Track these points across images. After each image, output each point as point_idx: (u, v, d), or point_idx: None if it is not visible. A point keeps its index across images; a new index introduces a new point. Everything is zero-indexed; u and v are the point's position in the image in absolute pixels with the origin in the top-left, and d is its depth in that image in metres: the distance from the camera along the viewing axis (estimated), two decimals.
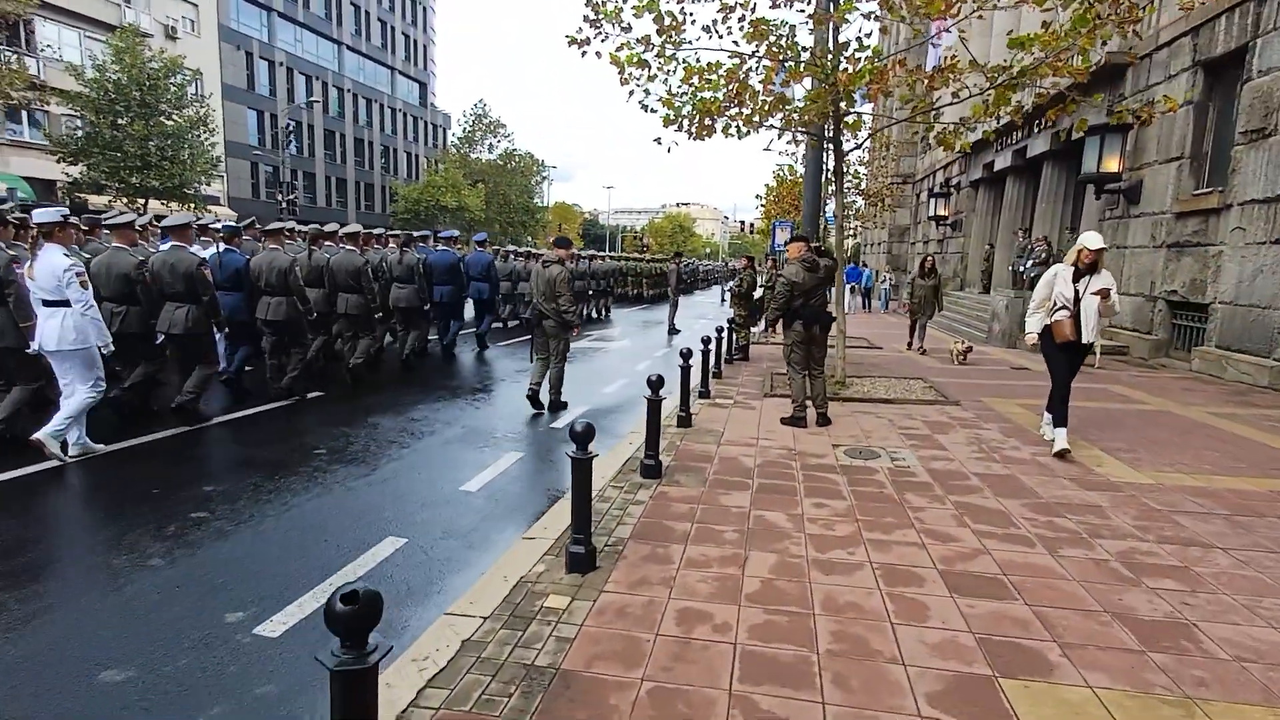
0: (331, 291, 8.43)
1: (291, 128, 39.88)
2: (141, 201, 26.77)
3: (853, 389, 8.45)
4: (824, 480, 4.78)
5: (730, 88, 7.52)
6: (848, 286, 27.99)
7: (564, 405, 7.60)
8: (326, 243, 9.33)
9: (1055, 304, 5.57)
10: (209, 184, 29.30)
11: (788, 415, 6.53)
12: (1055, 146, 16.22)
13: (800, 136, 8.48)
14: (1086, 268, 5.44)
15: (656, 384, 4.64)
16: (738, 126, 8.46)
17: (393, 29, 55.59)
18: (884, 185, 26.71)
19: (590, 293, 19.62)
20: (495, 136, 57.07)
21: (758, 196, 27.45)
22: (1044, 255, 15.67)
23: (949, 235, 25.19)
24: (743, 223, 55.61)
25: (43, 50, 28.85)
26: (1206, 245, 10.63)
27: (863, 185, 24.58)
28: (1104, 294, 5.37)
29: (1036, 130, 17.06)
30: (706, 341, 7.73)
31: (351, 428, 6.42)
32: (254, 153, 39.37)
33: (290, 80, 44.64)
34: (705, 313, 23.78)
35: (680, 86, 8.35)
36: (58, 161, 25.76)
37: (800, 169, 24.85)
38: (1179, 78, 11.36)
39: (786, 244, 7.19)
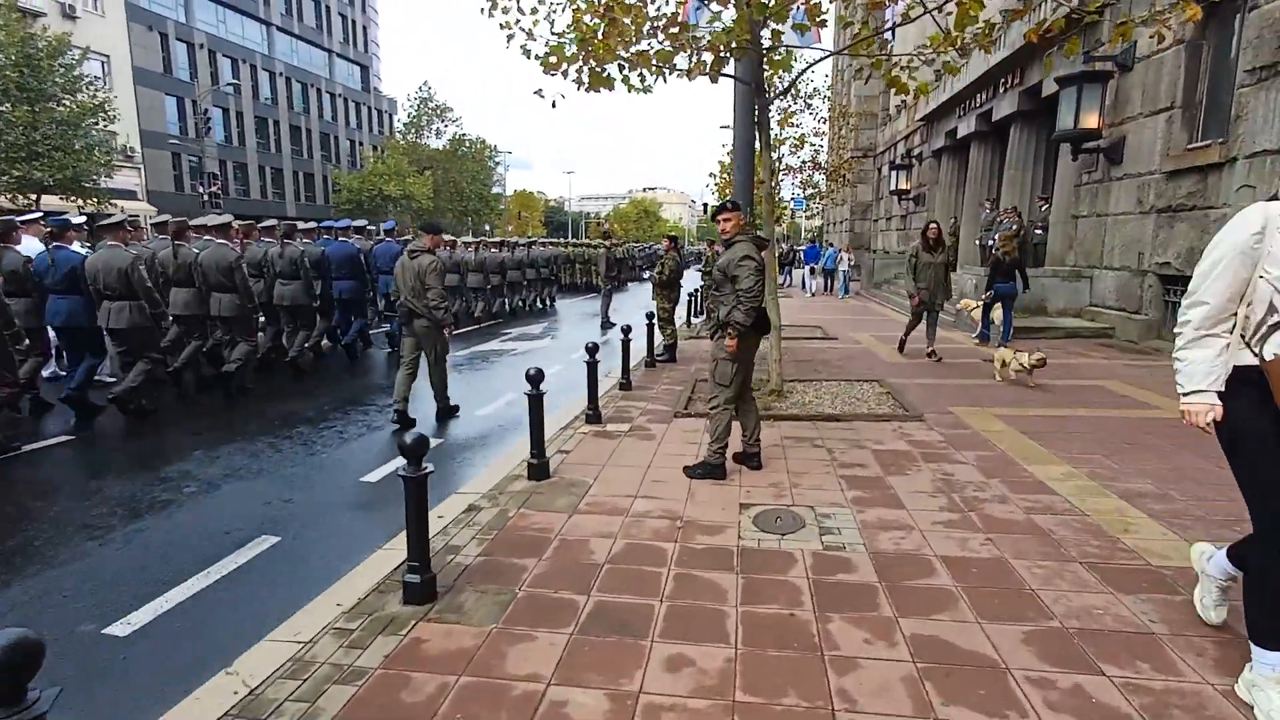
0: (204, 291, 7.53)
1: (209, 114, 36.94)
2: (33, 197, 24.11)
3: (791, 400, 6.68)
4: (705, 591, 2.96)
5: (601, 5, 5.61)
6: (807, 267, 26.59)
7: (453, 410, 6.75)
8: (205, 236, 7.92)
9: (1272, 314, 2.11)
10: (109, 176, 26.50)
11: (696, 464, 4.60)
12: (1024, 106, 14.61)
13: (706, 77, 6.61)
14: None
15: (415, 449, 2.75)
16: (640, 73, 6.64)
17: (328, 8, 52.32)
18: (843, 160, 25.05)
19: (526, 281, 17.73)
20: (443, 121, 54.25)
21: (710, 175, 25.57)
22: (1014, 228, 14.10)
23: (912, 210, 23.65)
24: (706, 205, 53.76)
25: None
26: (1206, 208, 9.02)
27: (820, 158, 22.82)
28: None
29: (1003, 90, 15.43)
30: (593, 350, 5.87)
31: (60, 495, 4.46)
32: (170, 141, 36.36)
33: (213, 63, 41.50)
34: None
35: (568, 30, 6.48)
36: None
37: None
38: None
39: (716, 214, 4.73)
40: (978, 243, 16.28)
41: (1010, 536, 3.48)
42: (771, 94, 6.71)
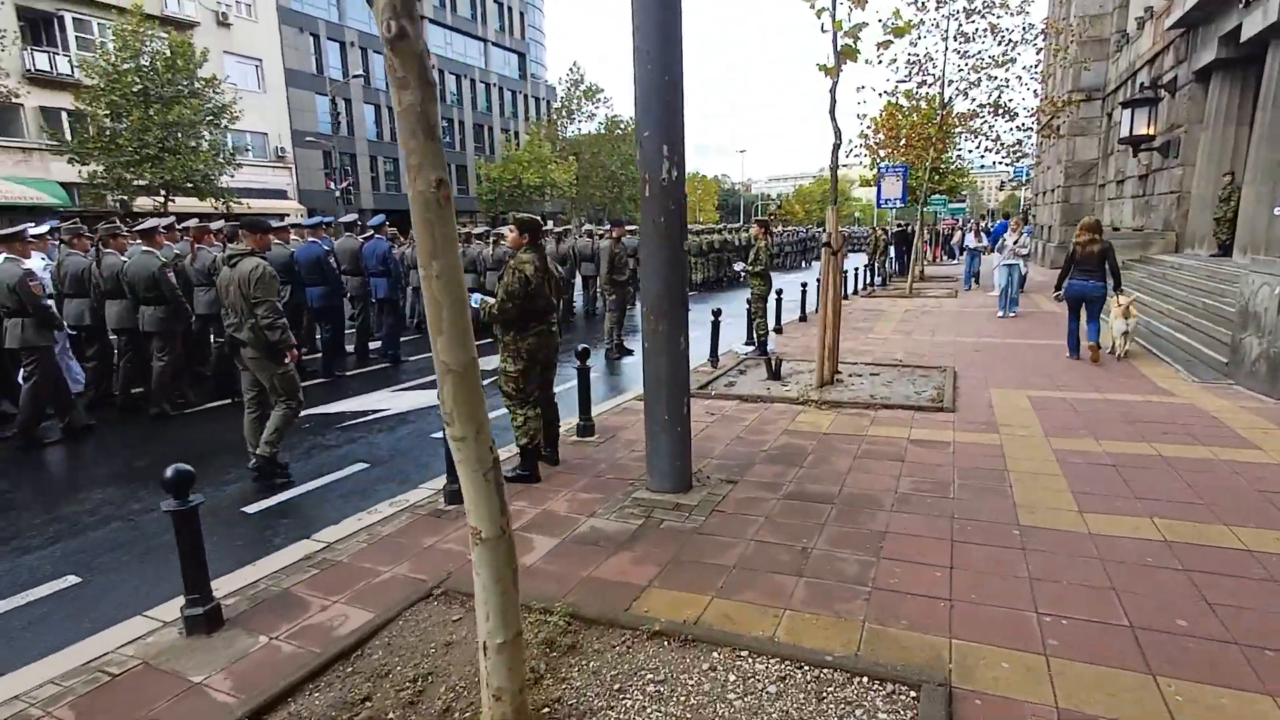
0: (135, 303, 6.90)
1: (339, 110, 37.07)
2: (161, 199, 24.47)
3: None
4: None
5: None
6: (994, 252, 18.45)
7: (281, 470, 4.86)
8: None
9: None
10: (229, 175, 26.20)
11: None
12: None
13: None
14: None
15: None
16: None
17: None
18: (1055, 104, 17.71)
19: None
20: (594, 104, 51.60)
21: (862, 136, 19.10)
22: None
23: (1156, 166, 15.95)
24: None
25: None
26: None
27: (1001, 99, 15.95)
28: None
29: None
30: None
31: None
32: (305, 140, 36.86)
33: (366, 61, 41.99)
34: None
35: None
36: (69, 163, 24.14)
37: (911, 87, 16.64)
38: None
39: None
40: (1278, 212, 9.29)
41: None
42: None
